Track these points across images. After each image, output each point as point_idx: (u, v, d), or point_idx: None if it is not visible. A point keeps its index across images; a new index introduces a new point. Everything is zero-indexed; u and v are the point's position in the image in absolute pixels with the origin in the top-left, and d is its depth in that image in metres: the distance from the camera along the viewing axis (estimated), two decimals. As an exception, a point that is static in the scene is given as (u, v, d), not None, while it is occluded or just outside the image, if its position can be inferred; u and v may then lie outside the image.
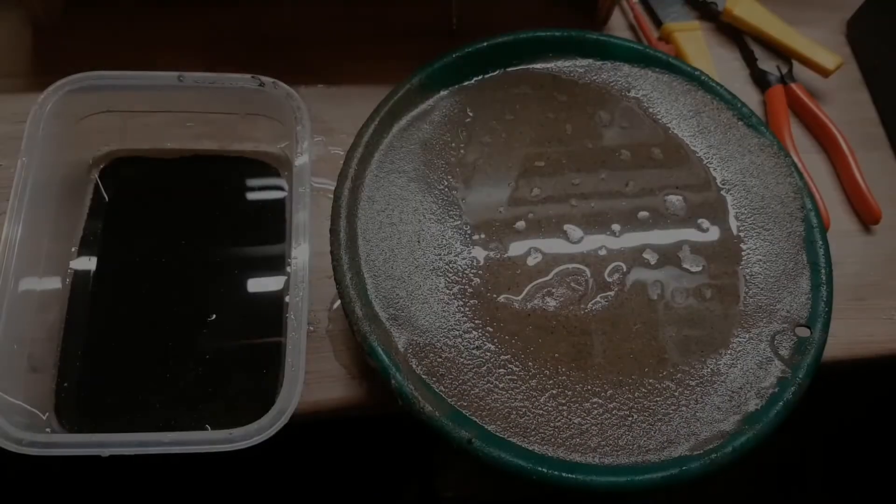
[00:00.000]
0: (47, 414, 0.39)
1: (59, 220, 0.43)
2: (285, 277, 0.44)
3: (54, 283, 0.42)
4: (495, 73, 0.45)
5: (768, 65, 0.56)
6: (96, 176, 0.46)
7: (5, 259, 0.37)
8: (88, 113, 0.44)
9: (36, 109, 0.41)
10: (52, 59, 0.50)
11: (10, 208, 0.38)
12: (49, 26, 0.50)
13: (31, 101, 0.41)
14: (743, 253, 0.41)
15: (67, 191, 0.44)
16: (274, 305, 0.43)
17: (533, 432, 0.34)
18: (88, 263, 0.44)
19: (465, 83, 0.44)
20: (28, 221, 0.39)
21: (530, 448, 0.34)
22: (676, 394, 0.36)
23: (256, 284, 0.44)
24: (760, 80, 0.56)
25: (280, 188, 0.47)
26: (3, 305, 0.36)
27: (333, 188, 0.39)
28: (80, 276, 0.43)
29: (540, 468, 0.32)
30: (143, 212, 0.46)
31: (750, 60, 0.57)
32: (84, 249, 0.44)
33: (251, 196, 0.47)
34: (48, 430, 0.38)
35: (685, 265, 0.40)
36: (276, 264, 0.44)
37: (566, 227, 0.41)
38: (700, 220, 0.42)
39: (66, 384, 0.40)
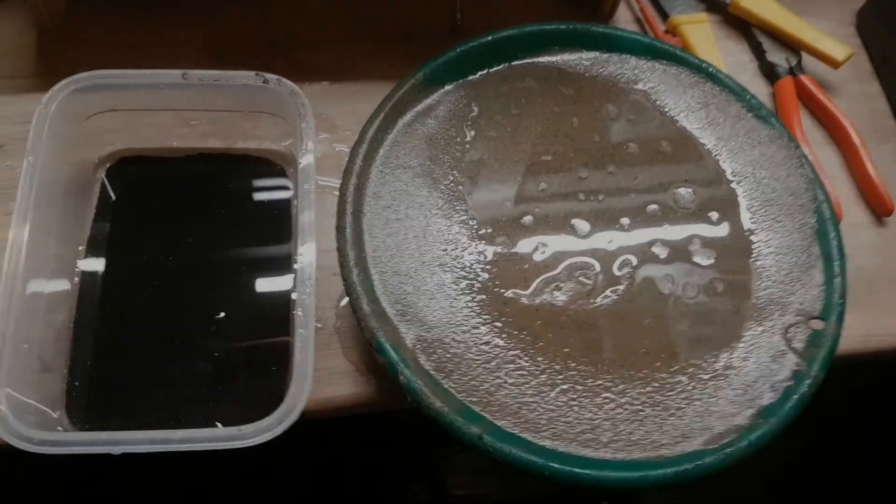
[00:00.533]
0: (58, 412, 0.39)
1: (66, 220, 0.43)
2: (292, 275, 0.43)
3: (63, 282, 0.42)
4: (500, 68, 0.45)
5: (777, 56, 0.56)
6: (102, 175, 0.46)
7: (13, 260, 0.37)
8: (93, 112, 0.44)
9: (41, 109, 0.41)
10: (56, 60, 0.50)
11: (16, 209, 0.38)
12: (53, 27, 0.50)
13: (37, 102, 0.41)
14: (754, 246, 0.41)
15: (74, 191, 0.44)
16: (282, 303, 0.43)
17: (544, 428, 0.34)
18: (96, 263, 0.43)
19: (470, 78, 0.44)
20: (35, 222, 0.39)
21: (542, 444, 0.34)
22: (689, 388, 0.36)
23: (264, 282, 0.44)
24: (769, 72, 0.56)
25: (285, 186, 0.47)
26: (12, 306, 0.36)
27: (338, 185, 0.39)
28: (88, 275, 0.43)
29: (552, 464, 0.32)
30: (149, 211, 0.46)
31: (758, 52, 0.57)
32: (91, 249, 0.44)
33: (257, 194, 0.47)
34: (59, 428, 0.38)
35: (696, 259, 0.40)
36: (282, 262, 0.44)
37: (574, 221, 0.40)
38: (710, 214, 0.41)
39: (76, 383, 0.40)
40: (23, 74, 0.49)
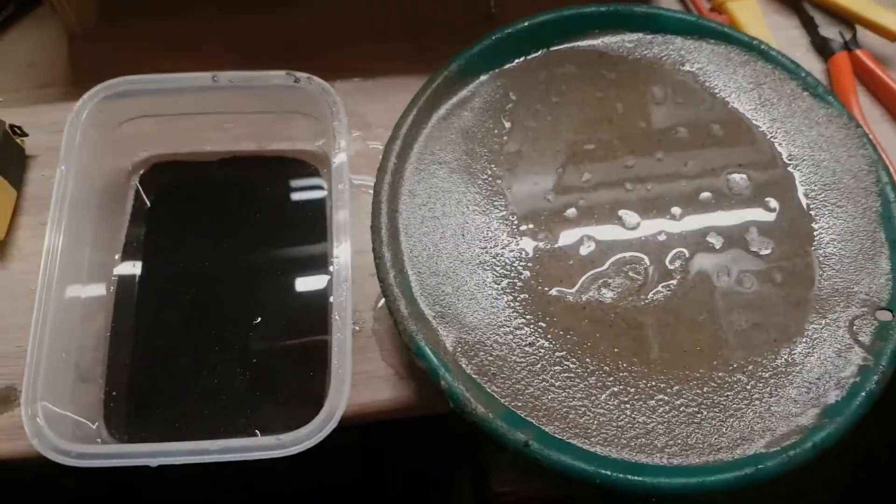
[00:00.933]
0: (97, 423, 0.38)
1: (101, 227, 0.42)
2: (329, 277, 0.42)
3: (99, 290, 0.42)
4: (537, 54, 0.43)
5: (830, 31, 0.53)
6: (136, 182, 0.46)
7: (49, 269, 0.37)
8: (125, 119, 0.43)
9: (72, 118, 0.41)
10: (87, 68, 0.49)
11: (50, 218, 0.38)
12: (83, 35, 0.50)
13: (69, 111, 0.41)
14: (815, 233, 0.38)
15: (108, 198, 0.44)
16: (318, 305, 0.42)
17: (594, 433, 0.32)
18: (132, 270, 0.43)
19: (506, 66, 0.42)
20: (70, 230, 0.38)
21: (592, 450, 0.32)
22: (748, 387, 0.34)
23: (300, 285, 0.43)
24: (822, 47, 0.53)
25: (320, 187, 0.46)
26: (48, 315, 0.36)
27: (373, 184, 0.38)
28: (124, 282, 0.43)
29: (604, 471, 0.30)
30: (184, 216, 0.45)
31: (810, 27, 0.54)
32: (127, 256, 0.43)
33: (291, 196, 0.46)
34: (98, 440, 0.38)
35: (753, 248, 0.37)
36: (319, 264, 0.43)
37: (621, 212, 0.38)
38: (767, 199, 0.39)
39: (114, 393, 0.40)
40: (55, 83, 0.49)
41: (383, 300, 0.41)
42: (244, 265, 0.44)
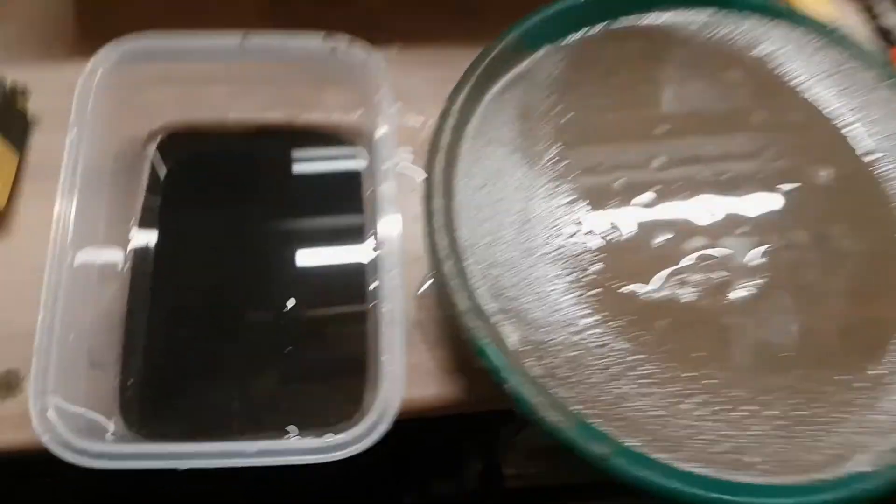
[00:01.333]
0: (113, 418, 0.34)
1: (114, 199, 0.38)
2: (366, 260, 0.39)
3: (112, 268, 0.38)
4: (600, 29, 0.39)
5: (893, 19, 0.50)
6: (152, 152, 0.42)
7: (59, 243, 0.33)
8: (141, 81, 0.39)
9: (84, 79, 0.36)
10: (96, 24, 0.45)
11: (60, 188, 0.34)
12: (95, -14, 0.46)
13: (75, 71, 0.36)
14: (901, 229, 0.36)
15: (122, 167, 0.40)
16: (356, 291, 0.38)
17: (678, 447, 0.29)
18: (148, 246, 0.39)
19: (567, 40, 0.39)
20: (81, 202, 0.34)
21: (678, 466, 0.29)
22: (845, 398, 0.31)
23: (332, 268, 0.40)
24: (885, 36, 0.50)
25: (355, 162, 0.42)
26: (59, 293, 0.32)
27: (411, 161, 0.34)
28: (139, 259, 0.39)
29: (695, 491, 0.27)
30: (204, 191, 0.42)
31: (872, 14, 0.51)
32: (142, 231, 0.39)
33: (324, 172, 0.42)
34: (112, 435, 0.34)
35: (840, 244, 0.35)
36: (355, 245, 0.40)
37: (695, 201, 0.35)
38: (851, 192, 0.36)
39: (130, 381, 0.36)
40: (61, 40, 0.44)
41: (425, 286, 0.38)
42: (273, 247, 0.40)
